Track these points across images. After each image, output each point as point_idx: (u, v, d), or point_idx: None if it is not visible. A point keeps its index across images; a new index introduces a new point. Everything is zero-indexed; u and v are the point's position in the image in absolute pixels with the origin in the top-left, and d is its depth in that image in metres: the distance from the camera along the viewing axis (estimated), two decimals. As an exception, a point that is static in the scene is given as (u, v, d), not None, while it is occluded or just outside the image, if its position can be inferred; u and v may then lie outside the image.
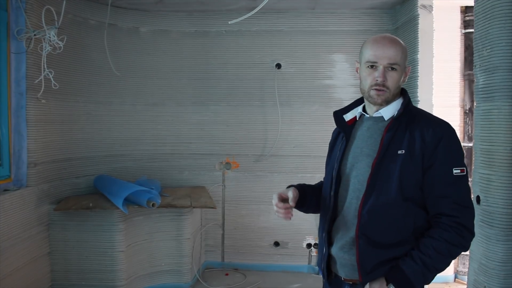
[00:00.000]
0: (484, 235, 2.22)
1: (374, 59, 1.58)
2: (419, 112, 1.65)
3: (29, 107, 3.32)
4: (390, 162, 1.54)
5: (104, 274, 3.55)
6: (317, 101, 4.41)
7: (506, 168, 2.12)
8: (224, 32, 4.47)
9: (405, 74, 1.64)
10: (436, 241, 1.49)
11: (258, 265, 4.51)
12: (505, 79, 2.13)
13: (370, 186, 1.55)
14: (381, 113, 1.64)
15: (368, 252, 1.54)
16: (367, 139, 1.64)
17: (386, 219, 1.53)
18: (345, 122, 1.74)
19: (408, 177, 1.52)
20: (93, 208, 3.43)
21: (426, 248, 1.49)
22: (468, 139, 3.99)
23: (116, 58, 4.11)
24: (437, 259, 1.49)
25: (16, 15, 3.21)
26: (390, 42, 1.59)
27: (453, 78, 4.07)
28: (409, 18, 3.85)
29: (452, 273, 4.11)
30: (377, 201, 1.54)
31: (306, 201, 1.78)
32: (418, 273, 1.49)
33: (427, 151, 1.52)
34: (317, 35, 4.39)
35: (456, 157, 1.54)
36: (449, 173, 1.51)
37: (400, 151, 1.53)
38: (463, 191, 1.52)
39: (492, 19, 2.18)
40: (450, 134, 1.55)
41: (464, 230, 1.49)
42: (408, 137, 1.55)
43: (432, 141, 1.52)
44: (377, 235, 1.54)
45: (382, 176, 1.54)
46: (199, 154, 4.55)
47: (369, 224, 1.54)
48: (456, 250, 1.51)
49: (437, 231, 1.50)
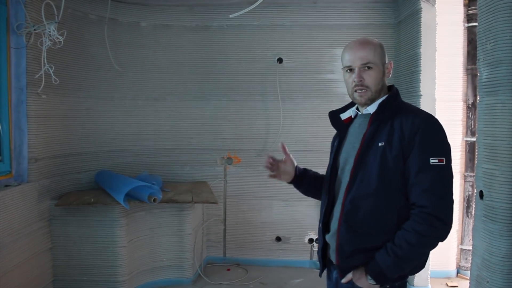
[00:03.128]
0: (487, 230, 2.20)
1: (349, 63, 1.70)
2: (404, 106, 1.71)
3: (30, 102, 3.31)
4: (371, 154, 1.62)
5: (106, 270, 3.56)
6: (319, 96, 4.40)
7: (510, 162, 2.10)
8: (225, 27, 4.44)
9: (387, 70, 1.72)
10: (407, 232, 1.54)
11: (260, 260, 4.51)
12: (509, 73, 2.11)
13: (352, 177, 1.65)
14: (368, 109, 1.73)
15: (347, 238, 1.64)
16: (358, 135, 1.73)
17: (367, 208, 1.61)
18: (341, 121, 1.85)
19: (388, 168, 1.58)
20: (94, 204, 3.42)
21: (399, 240, 1.55)
22: (471, 133, 3.97)
23: (116, 53, 4.10)
24: (410, 250, 1.54)
25: (15, 10, 3.19)
26: (361, 44, 1.69)
27: (456, 72, 4.03)
28: (411, 12, 3.81)
29: (454, 268, 4.11)
30: (359, 191, 1.63)
31: (305, 182, 1.94)
32: (390, 265, 1.56)
33: (405, 142, 1.57)
34: (319, 29, 4.37)
35: (434, 147, 1.56)
36: (425, 162, 1.54)
37: (381, 143, 1.61)
38: (438, 181, 1.54)
39: (496, 12, 2.15)
40: (428, 124, 1.58)
41: (435, 220, 1.52)
42: (388, 129, 1.62)
43: (410, 132, 1.57)
44: (357, 223, 1.63)
45: (363, 167, 1.63)
46: (200, 149, 4.54)
47: (351, 213, 1.63)
48: (429, 241, 1.55)
49: (409, 223, 1.55)
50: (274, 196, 4.48)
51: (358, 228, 1.62)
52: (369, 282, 1.61)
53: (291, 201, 4.45)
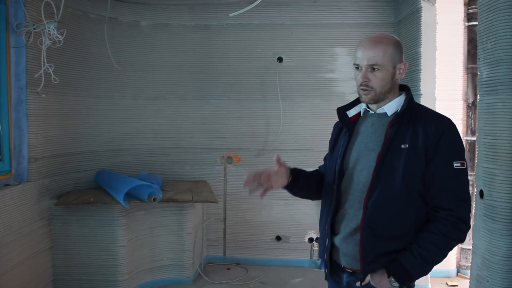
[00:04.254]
0: (487, 230, 2.20)
1: (357, 61, 1.66)
2: (421, 108, 1.71)
3: (29, 101, 3.30)
4: (394, 156, 1.59)
5: (106, 269, 3.55)
6: (318, 95, 4.39)
7: (510, 162, 2.09)
8: (225, 26, 4.44)
9: (400, 70, 1.68)
10: (434, 235, 1.55)
11: (259, 260, 4.51)
12: (509, 72, 2.10)
13: (375, 179, 1.60)
14: (384, 109, 1.70)
15: (371, 243, 1.60)
16: (372, 135, 1.69)
17: (391, 211, 1.59)
18: (348, 118, 1.79)
19: (412, 171, 1.58)
20: (94, 203, 3.42)
21: (425, 242, 1.55)
22: (471, 133, 3.97)
23: (116, 52, 4.09)
24: (435, 252, 1.56)
25: (15, 9, 3.19)
26: (372, 43, 1.63)
27: (456, 72, 4.04)
28: (412, 11, 3.81)
29: (454, 268, 4.11)
30: (382, 194, 1.59)
31: (298, 184, 1.82)
32: (417, 267, 1.56)
33: (430, 145, 1.57)
34: (319, 28, 4.36)
35: (457, 151, 1.59)
36: (450, 166, 1.57)
37: (404, 145, 1.59)
38: (461, 185, 1.58)
39: (496, 11, 2.15)
40: (451, 129, 1.61)
41: (461, 223, 1.56)
42: (411, 132, 1.60)
43: (435, 136, 1.57)
44: (380, 227, 1.60)
45: (387, 169, 1.59)
46: (200, 148, 4.53)
47: (374, 216, 1.59)
48: (453, 243, 1.59)
49: (435, 225, 1.56)
50: (274, 195, 4.40)
51: (381, 231, 1.59)
52: (391, 285, 1.58)
53: (291, 200, 4.43)
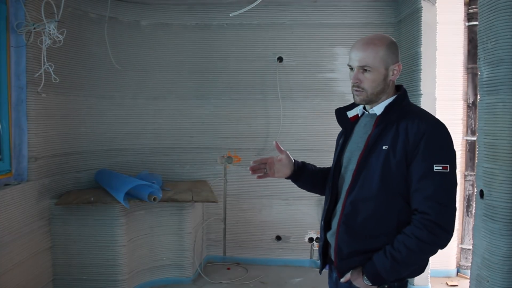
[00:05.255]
0: (487, 230, 2.20)
1: (349, 62, 1.68)
2: (411, 109, 1.67)
3: (30, 101, 3.30)
4: (374, 157, 1.60)
5: (106, 269, 3.56)
6: (319, 95, 4.39)
7: (510, 162, 2.09)
8: (225, 25, 4.44)
9: (394, 72, 1.66)
10: (407, 237, 1.53)
11: (260, 259, 4.51)
12: (509, 72, 2.10)
13: (354, 179, 1.64)
14: (374, 110, 1.71)
15: (345, 240, 1.64)
16: (363, 135, 1.71)
17: (367, 211, 1.60)
18: (348, 118, 1.82)
19: (391, 172, 1.57)
20: (94, 203, 3.42)
21: (398, 244, 1.54)
22: (471, 133, 3.97)
23: (116, 52, 4.09)
24: (408, 255, 1.53)
25: (15, 8, 3.19)
26: (363, 45, 1.64)
27: (456, 71, 4.03)
28: (412, 11, 3.80)
29: (454, 268, 4.11)
30: (359, 194, 1.62)
31: (302, 177, 1.90)
32: (387, 268, 1.55)
33: (410, 147, 1.54)
34: (319, 28, 4.36)
35: (439, 154, 1.53)
36: (429, 169, 1.52)
37: (385, 146, 1.59)
38: (441, 189, 1.51)
39: (497, 11, 2.15)
40: (434, 130, 1.55)
41: (436, 227, 1.50)
42: (393, 133, 1.59)
43: (416, 137, 1.54)
44: (357, 226, 1.62)
45: (367, 170, 1.62)
46: (200, 148, 4.53)
47: (351, 215, 1.63)
48: (428, 248, 1.53)
49: (410, 228, 1.54)
50: (274, 195, 4.48)
51: (358, 230, 1.61)
52: (365, 283, 1.60)
53: (291, 200, 4.44)
